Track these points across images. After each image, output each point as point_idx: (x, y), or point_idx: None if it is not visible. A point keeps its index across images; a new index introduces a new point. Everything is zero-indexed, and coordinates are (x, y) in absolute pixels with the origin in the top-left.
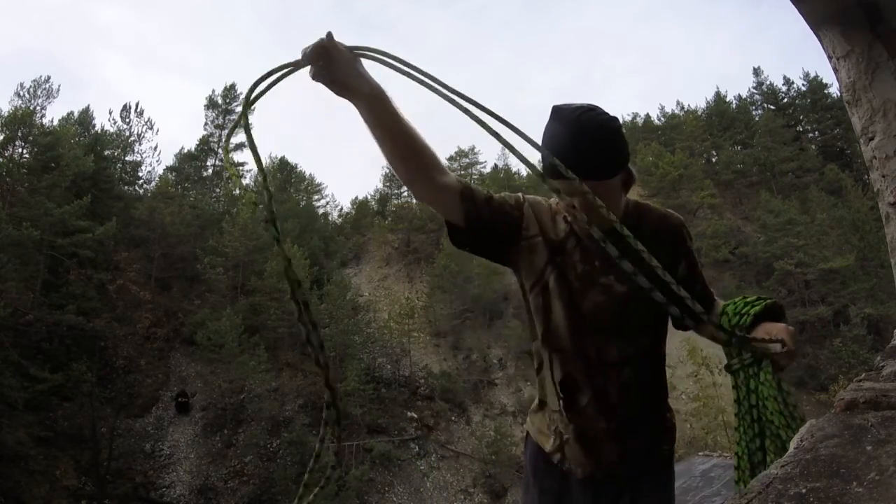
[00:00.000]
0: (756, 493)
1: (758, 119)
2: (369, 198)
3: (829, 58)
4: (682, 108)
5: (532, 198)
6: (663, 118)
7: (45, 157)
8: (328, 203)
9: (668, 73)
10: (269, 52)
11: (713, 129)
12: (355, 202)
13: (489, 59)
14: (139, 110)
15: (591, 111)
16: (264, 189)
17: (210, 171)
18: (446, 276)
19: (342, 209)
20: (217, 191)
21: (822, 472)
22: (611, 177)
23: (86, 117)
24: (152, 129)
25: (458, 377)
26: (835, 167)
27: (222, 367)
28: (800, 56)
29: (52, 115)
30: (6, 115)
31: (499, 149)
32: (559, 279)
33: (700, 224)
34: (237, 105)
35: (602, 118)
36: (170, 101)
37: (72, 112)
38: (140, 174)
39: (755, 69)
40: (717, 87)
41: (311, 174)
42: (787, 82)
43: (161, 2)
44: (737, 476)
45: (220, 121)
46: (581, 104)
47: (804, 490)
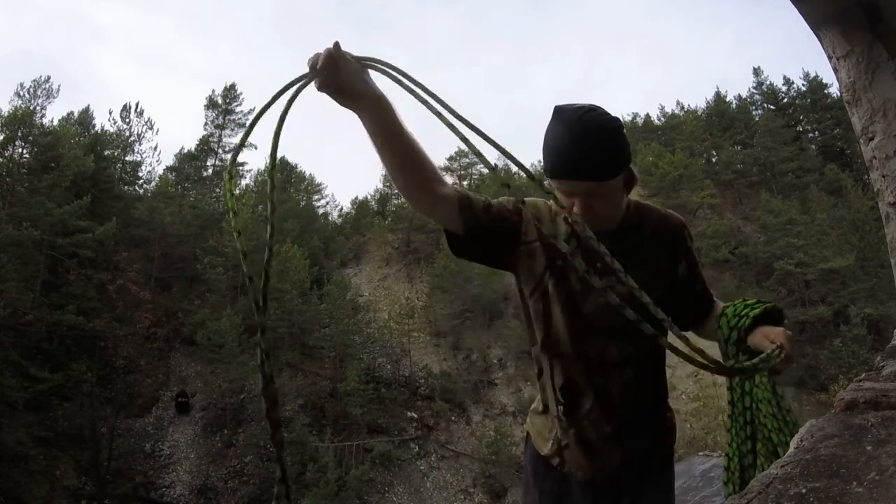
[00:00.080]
0: (756, 493)
1: (758, 119)
2: (369, 198)
3: (829, 58)
4: (682, 108)
5: (531, 201)
6: (663, 118)
7: (45, 157)
8: (328, 203)
9: (668, 73)
10: (270, 51)
11: (713, 129)
12: (355, 202)
13: (489, 60)
14: (139, 110)
15: (593, 111)
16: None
17: (210, 171)
18: (446, 276)
19: (342, 209)
20: (217, 191)
21: (822, 472)
22: (612, 177)
23: (86, 117)
24: (152, 129)
25: (458, 377)
26: (835, 167)
27: (222, 367)
28: (800, 56)
29: (52, 115)
30: (6, 115)
31: None
32: (559, 283)
33: (700, 224)
34: (237, 105)
35: (603, 118)
36: (170, 101)
37: (72, 112)
38: (140, 174)
39: (755, 69)
40: (717, 87)
41: (311, 174)
42: (787, 82)
43: (161, 1)
44: (725, 477)
45: (220, 121)
46: (582, 104)
47: (804, 490)
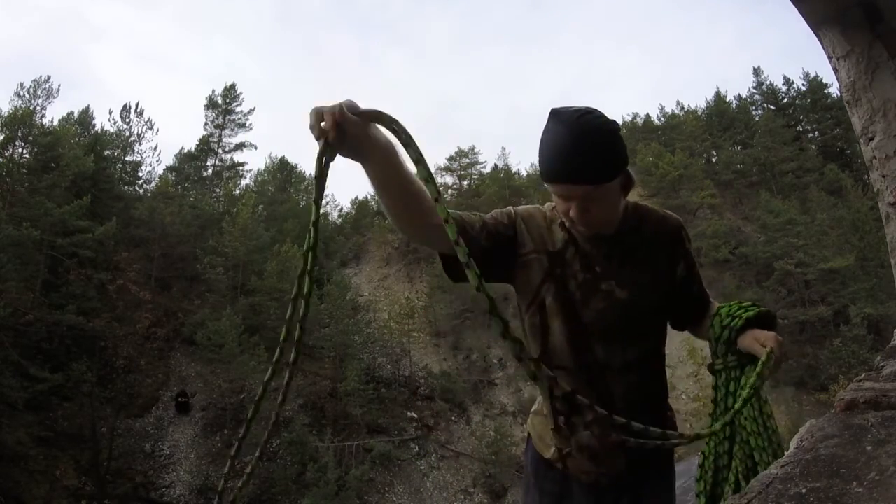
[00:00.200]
0: (756, 493)
1: (758, 119)
2: (369, 198)
3: (829, 58)
4: (682, 108)
5: (524, 210)
6: (663, 118)
7: (45, 157)
8: (328, 203)
9: (668, 73)
10: (270, 51)
11: (713, 129)
12: (355, 202)
13: (489, 60)
14: (139, 110)
15: (589, 114)
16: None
17: (210, 171)
18: (446, 277)
19: (342, 209)
20: (217, 191)
21: (822, 472)
22: (609, 180)
23: (86, 117)
24: (152, 129)
25: (458, 377)
26: (835, 167)
27: (222, 367)
28: (800, 56)
29: (52, 115)
30: (6, 115)
31: (499, 149)
32: (558, 293)
33: (700, 224)
34: (237, 105)
35: (600, 121)
36: (170, 101)
37: (72, 112)
38: (140, 174)
39: (755, 69)
40: (717, 87)
41: (311, 174)
42: (787, 82)
43: (161, 1)
44: (699, 474)
45: (220, 121)
46: (579, 107)
47: (804, 490)
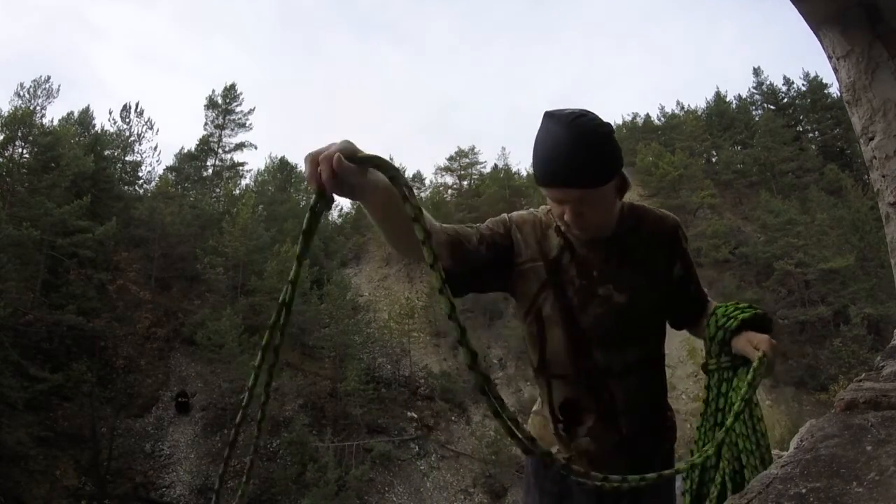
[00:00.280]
0: (756, 493)
1: (758, 119)
2: None
3: (830, 58)
4: (682, 108)
5: (519, 218)
6: (663, 118)
7: (45, 157)
8: None
9: (669, 72)
10: (270, 51)
11: (713, 129)
12: (355, 202)
13: (489, 60)
14: (139, 110)
15: (583, 117)
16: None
17: (210, 171)
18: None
19: (342, 209)
20: (217, 191)
21: (822, 472)
22: (603, 184)
23: (86, 117)
24: (152, 129)
25: (458, 377)
26: (835, 167)
27: (222, 367)
28: (800, 56)
29: (52, 115)
30: (6, 115)
31: (499, 149)
32: (556, 300)
33: (700, 224)
34: (237, 105)
35: (594, 124)
36: (170, 101)
37: (72, 112)
38: (140, 174)
39: (755, 69)
40: (717, 87)
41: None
42: (787, 82)
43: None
44: (685, 473)
45: (220, 121)
46: (573, 110)
47: (804, 490)
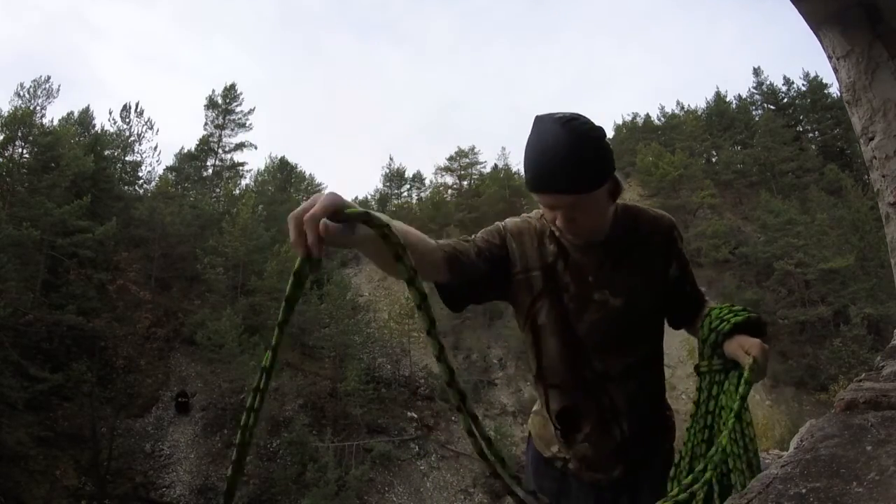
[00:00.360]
0: (756, 493)
1: (758, 119)
2: (369, 198)
3: (830, 58)
4: (682, 108)
5: (514, 226)
6: (663, 118)
7: (45, 157)
8: None
9: (669, 72)
10: (270, 51)
11: (713, 129)
12: (355, 202)
13: (489, 60)
14: (139, 110)
15: (575, 121)
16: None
17: (210, 171)
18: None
19: None
20: (217, 191)
21: (822, 472)
22: (595, 189)
23: (86, 117)
24: (152, 129)
25: (458, 377)
26: (835, 167)
27: (222, 367)
28: (800, 56)
29: (52, 115)
30: (6, 115)
31: (499, 149)
32: (552, 309)
33: (700, 224)
34: (237, 105)
35: (585, 127)
36: (170, 100)
37: (72, 112)
38: (140, 174)
39: (755, 69)
40: (717, 87)
41: (311, 174)
42: (788, 82)
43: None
44: (672, 473)
45: (220, 121)
46: (564, 114)
47: (804, 490)
